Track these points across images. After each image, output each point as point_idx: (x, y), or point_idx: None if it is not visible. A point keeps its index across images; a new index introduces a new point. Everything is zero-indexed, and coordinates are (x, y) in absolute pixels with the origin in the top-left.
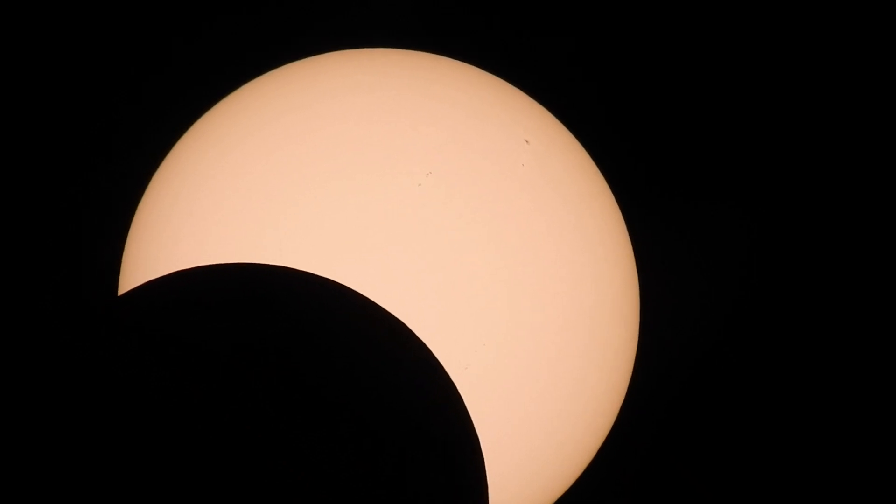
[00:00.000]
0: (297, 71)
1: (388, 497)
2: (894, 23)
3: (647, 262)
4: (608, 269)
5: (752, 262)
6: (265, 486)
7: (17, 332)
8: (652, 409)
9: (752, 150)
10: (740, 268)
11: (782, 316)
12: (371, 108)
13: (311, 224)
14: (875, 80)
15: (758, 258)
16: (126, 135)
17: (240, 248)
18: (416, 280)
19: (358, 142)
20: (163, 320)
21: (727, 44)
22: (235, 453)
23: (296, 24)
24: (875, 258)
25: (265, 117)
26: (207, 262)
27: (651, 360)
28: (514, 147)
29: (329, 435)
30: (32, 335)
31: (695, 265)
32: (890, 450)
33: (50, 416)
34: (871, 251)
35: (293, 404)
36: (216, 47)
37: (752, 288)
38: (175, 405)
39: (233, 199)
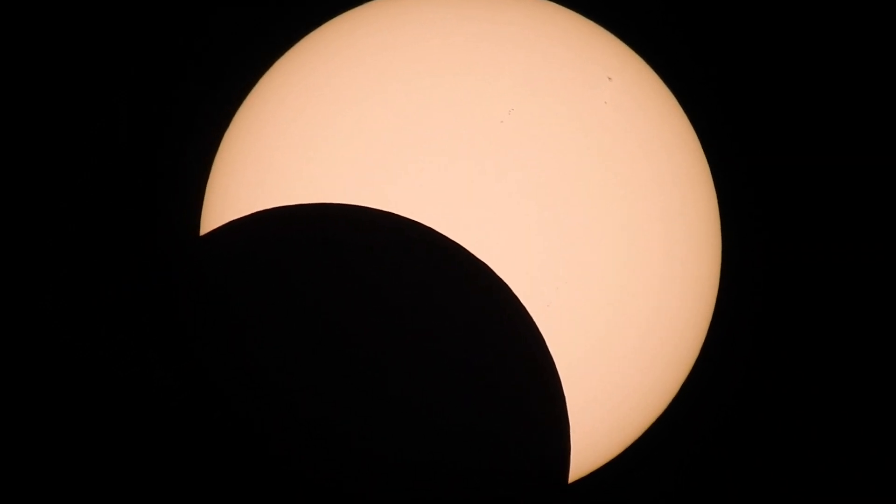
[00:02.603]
0: (378, 9)
1: (471, 433)
2: None
3: (729, 198)
4: (690, 206)
5: (833, 205)
6: (361, 423)
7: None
8: (734, 346)
9: (840, 92)
10: (825, 210)
11: (867, 258)
12: (453, 45)
13: (392, 161)
14: None
15: (842, 200)
16: (208, 71)
17: (320, 189)
18: (498, 217)
19: (440, 78)
20: (243, 261)
21: None
22: (319, 394)
23: None
24: None
25: (346, 57)
26: (287, 202)
27: (733, 295)
28: (597, 84)
29: (410, 374)
30: (121, 275)
31: (778, 205)
32: None
33: (142, 349)
34: None
35: (374, 343)
36: None
37: (832, 230)
38: (259, 344)
39: (314, 138)
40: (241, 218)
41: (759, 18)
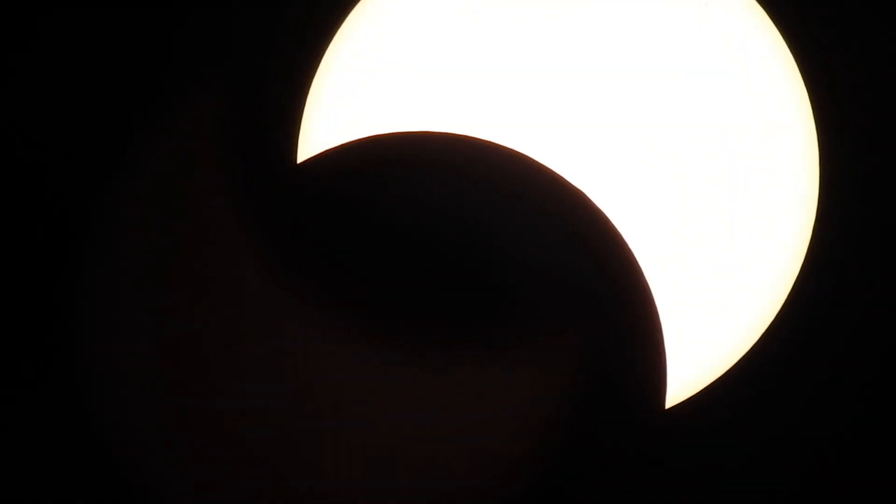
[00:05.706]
0: None
1: (569, 365)
2: None
3: (827, 122)
4: (787, 134)
5: None
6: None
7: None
8: (829, 276)
9: None
10: None
11: None
12: None
13: (489, 88)
14: None
15: None
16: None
17: (417, 116)
18: (592, 145)
19: (534, 9)
20: (343, 188)
21: None
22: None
23: None
24: None
25: None
26: (389, 130)
27: (831, 221)
28: (694, 10)
29: (509, 302)
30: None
31: (878, 130)
32: None
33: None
34: None
35: (472, 273)
36: None
37: None
38: (357, 266)
39: (411, 65)
40: (338, 146)
41: None
